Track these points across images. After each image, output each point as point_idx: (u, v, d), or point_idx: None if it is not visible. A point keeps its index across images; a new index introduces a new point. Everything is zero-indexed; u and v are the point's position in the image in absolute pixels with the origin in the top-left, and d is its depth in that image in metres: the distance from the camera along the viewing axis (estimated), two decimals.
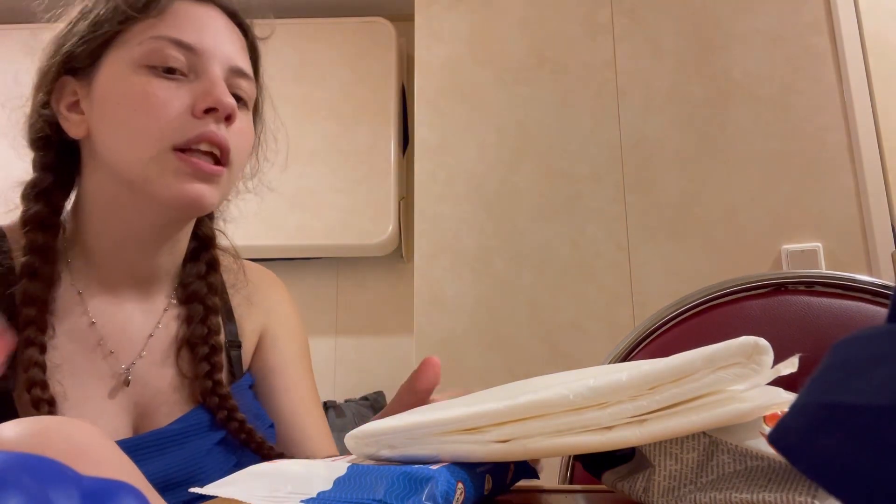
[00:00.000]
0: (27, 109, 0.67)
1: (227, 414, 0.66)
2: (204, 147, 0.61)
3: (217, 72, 0.63)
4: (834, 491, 0.18)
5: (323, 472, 0.36)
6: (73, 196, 0.68)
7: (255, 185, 0.79)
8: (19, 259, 0.62)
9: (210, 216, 0.78)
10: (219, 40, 0.65)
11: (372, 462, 0.41)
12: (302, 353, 0.80)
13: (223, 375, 0.68)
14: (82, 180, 0.67)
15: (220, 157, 0.63)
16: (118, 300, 0.67)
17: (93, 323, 0.65)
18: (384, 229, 2.17)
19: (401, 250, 2.29)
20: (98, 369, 0.63)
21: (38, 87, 0.66)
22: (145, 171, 0.60)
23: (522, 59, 1.87)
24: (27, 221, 0.64)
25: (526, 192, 1.80)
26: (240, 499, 0.33)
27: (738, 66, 1.79)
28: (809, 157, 1.72)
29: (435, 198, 1.82)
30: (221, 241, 0.77)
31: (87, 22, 0.64)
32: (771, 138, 1.74)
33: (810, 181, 1.71)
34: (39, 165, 0.66)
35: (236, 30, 0.68)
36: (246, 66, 0.68)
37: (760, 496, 0.34)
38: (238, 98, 0.66)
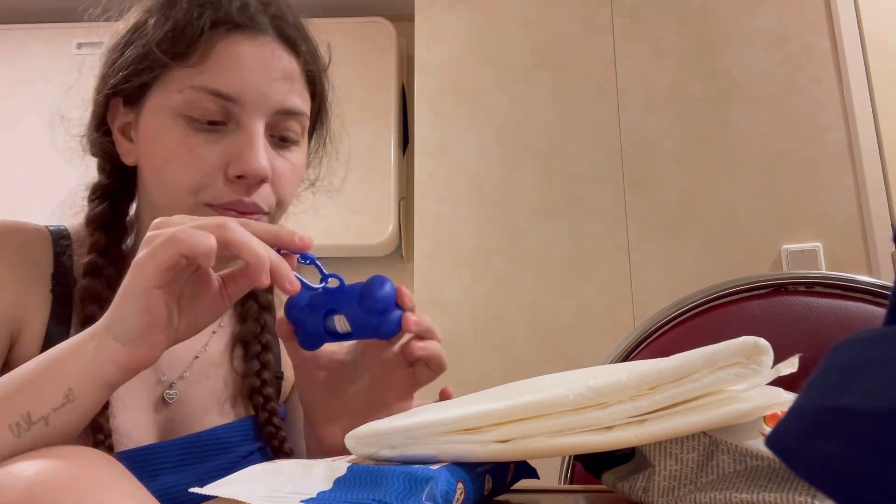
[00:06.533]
0: (86, 117, 0.66)
1: (268, 417, 0.66)
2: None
3: (255, 128, 0.60)
4: (832, 495, 0.18)
5: (323, 472, 0.36)
6: (136, 202, 0.68)
7: (317, 191, 0.80)
8: (83, 259, 0.62)
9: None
10: (265, 82, 0.61)
11: (372, 462, 0.41)
12: None
13: (269, 375, 0.69)
14: (139, 193, 0.67)
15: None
16: None
17: None
18: (384, 229, 2.17)
19: (401, 250, 2.29)
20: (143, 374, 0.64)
21: (94, 101, 0.65)
22: None
23: (522, 59, 1.87)
24: (91, 222, 0.64)
25: (526, 192, 1.80)
26: (240, 499, 0.33)
27: (738, 66, 1.79)
28: (809, 157, 1.72)
29: (435, 198, 1.82)
30: None
31: (134, 49, 0.61)
32: (771, 138, 1.74)
33: (810, 181, 1.71)
34: (102, 169, 0.67)
35: (290, 58, 0.64)
36: (298, 101, 0.64)
37: (760, 496, 0.34)
38: (285, 139, 0.64)
